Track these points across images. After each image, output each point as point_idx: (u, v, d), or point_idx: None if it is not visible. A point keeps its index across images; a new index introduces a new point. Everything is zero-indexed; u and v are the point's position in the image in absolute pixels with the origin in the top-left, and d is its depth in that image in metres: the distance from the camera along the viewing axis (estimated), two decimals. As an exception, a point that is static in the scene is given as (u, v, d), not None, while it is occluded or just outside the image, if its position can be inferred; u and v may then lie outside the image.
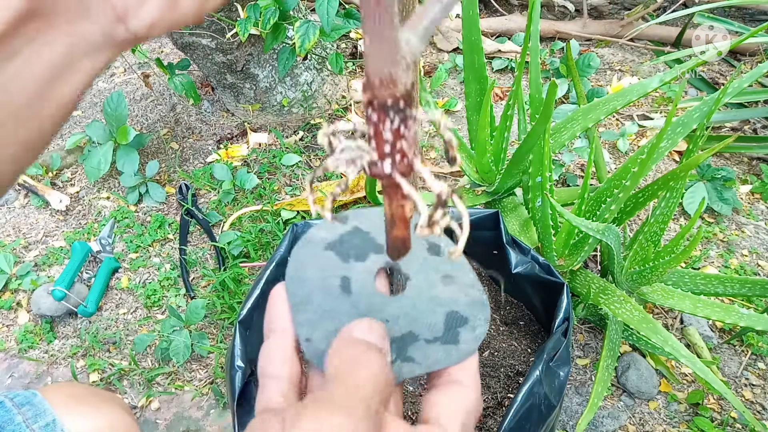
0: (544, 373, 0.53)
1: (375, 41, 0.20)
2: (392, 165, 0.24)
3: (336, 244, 0.31)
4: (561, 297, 0.62)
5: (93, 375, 1.05)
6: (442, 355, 0.28)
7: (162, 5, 0.25)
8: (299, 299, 0.29)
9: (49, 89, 0.25)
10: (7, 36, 0.23)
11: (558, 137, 1.03)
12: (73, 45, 0.25)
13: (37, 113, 0.25)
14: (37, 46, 0.24)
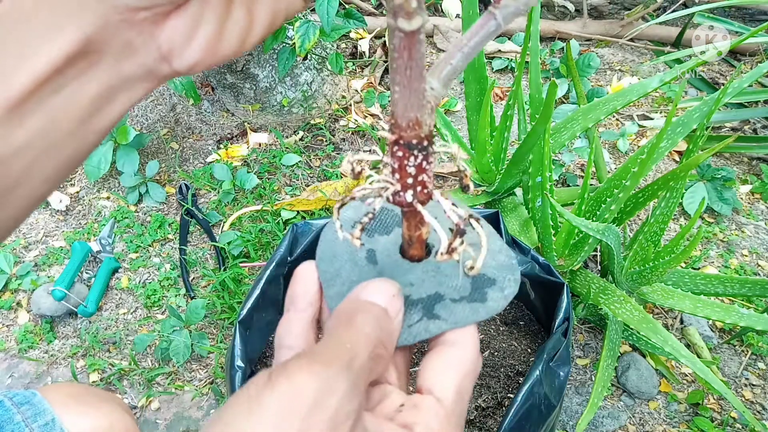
0: (544, 373, 0.53)
1: (404, 90, 0.23)
2: (413, 195, 0.27)
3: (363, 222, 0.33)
4: (561, 297, 0.62)
5: (93, 375, 1.05)
6: (468, 312, 0.28)
7: (205, 47, 0.26)
8: (329, 275, 0.30)
9: (89, 119, 0.26)
10: (59, 71, 0.24)
11: (558, 137, 1.03)
12: (117, 80, 0.26)
13: (77, 141, 0.26)
14: (83, 80, 0.25)
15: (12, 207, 0.26)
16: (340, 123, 1.46)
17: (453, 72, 0.24)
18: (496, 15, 0.23)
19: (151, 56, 0.26)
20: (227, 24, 0.26)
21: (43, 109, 0.24)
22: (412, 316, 0.29)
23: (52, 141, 0.25)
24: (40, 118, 0.24)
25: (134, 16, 0.24)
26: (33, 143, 0.25)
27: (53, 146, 0.25)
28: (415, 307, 0.29)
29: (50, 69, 0.24)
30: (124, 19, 0.24)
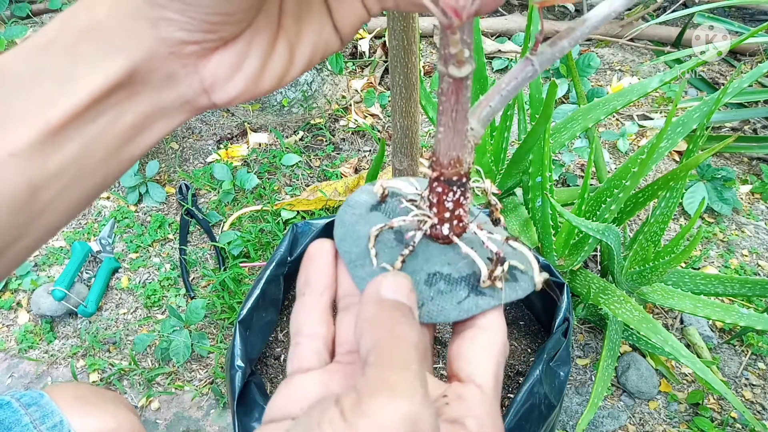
0: (544, 372, 0.53)
1: (448, 131, 0.25)
2: (450, 228, 0.28)
3: (379, 206, 0.32)
4: (561, 297, 0.62)
5: (93, 375, 1.05)
6: (509, 290, 0.29)
7: (247, 82, 0.26)
8: (355, 256, 0.29)
9: (122, 148, 0.26)
10: (100, 100, 0.24)
11: (558, 137, 1.03)
12: (154, 110, 0.26)
13: (106, 169, 0.26)
14: (121, 110, 0.25)
15: (32, 236, 0.26)
16: (340, 123, 1.46)
17: (491, 113, 0.26)
18: (534, 62, 0.24)
19: (192, 88, 0.26)
20: (270, 60, 0.27)
21: (80, 137, 0.24)
22: (459, 292, 0.29)
23: (84, 169, 0.25)
24: (75, 145, 0.24)
25: (183, 50, 0.24)
26: (65, 171, 0.25)
27: (83, 174, 0.25)
28: (459, 284, 0.29)
29: (91, 98, 0.24)
30: (172, 52, 0.24)
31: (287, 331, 0.66)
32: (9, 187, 0.23)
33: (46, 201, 0.25)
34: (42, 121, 0.23)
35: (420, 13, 0.77)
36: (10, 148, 0.23)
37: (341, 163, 1.37)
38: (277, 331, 0.66)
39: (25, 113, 0.23)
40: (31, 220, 0.25)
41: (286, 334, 0.66)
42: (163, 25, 0.23)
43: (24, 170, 0.23)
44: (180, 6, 0.23)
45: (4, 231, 0.24)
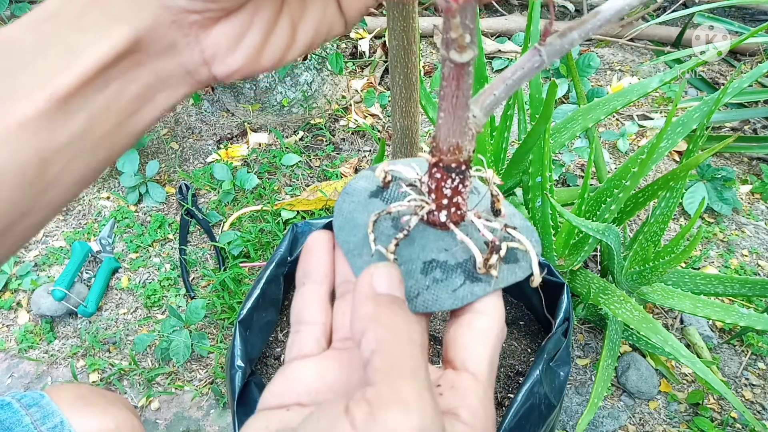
0: (544, 372, 0.53)
1: (448, 116, 0.25)
2: (447, 216, 0.28)
3: (378, 192, 0.32)
4: (561, 297, 0.62)
5: (93, 375, 1.05)
6: (507, 273, 0.28)
7: (248, 56, 0.26)
8: (353, 245, 0.29)
9: (126, 121, 0.26)
10: (106, 69, 0.24)
11: (558, 137, 1.03)
12: (157, 80, 0.26)
13: (111, 143, 0.26)
14: (126, 79, 0.25)
15: (38, 213, 0.25)
16: (340, 123, 1.46)
17: (495, 102, 0.26)
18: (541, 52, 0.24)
19: (193, 59, 0.26)
20: (272, 36, 0.27)
21: (87, 107, 0.24)
22: (455, 280, 0.28)
23: (90, 142, 0.25)
24: (82, 117, 0.24)
25: (185, 18, 0.24)
26: (73, 143, 0.24)
27: (90, 147, 0.25)
28: (455, 271, 0.29)
29: (98, 66, 0.23)
30: (174, 20, 0.24)
31: (287, 331, 0.66)
32: (18, 158, 0.23)
33: (54, 175, 0.25)
34: (50, 91, 0.23)
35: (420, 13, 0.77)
36: (19, 117, 0.23)
37: (341, 163, 1.37)
38: (277, 331, 0.66)
39: (33, 83, 0.23)
40: (38, 195, 0.25)
41: (286, 334, 0.66)
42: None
43: (33, 141, 0.23)
44: None
45: (13, 206, 0.24)
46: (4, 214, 0.24)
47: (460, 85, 0.23)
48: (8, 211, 0.24)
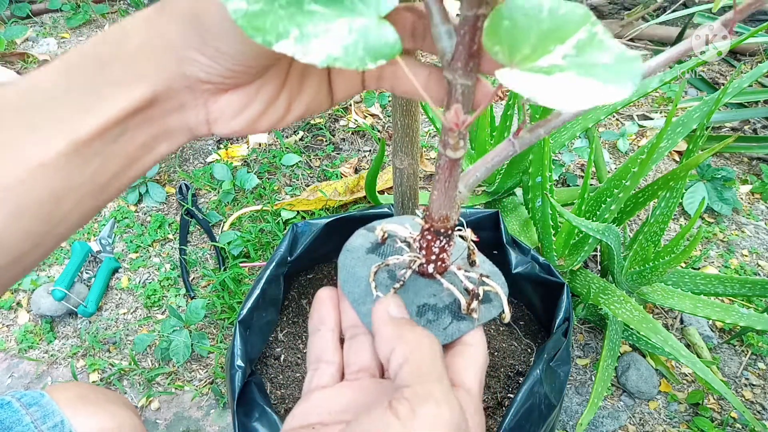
0: (544, 372, 0.53)
1: (441, 195, 0.31)
2: (434, 268, 0.35)
3: (374, 248, 0.39)
4: (561, 297, 0.62)
5: (93, 375, 1.05)
6: (485, 312, 0.36)
7: (246, 123, 0.29)
8: (357, 296, 0.36)
9: (132, 165, 0.28)
10: (123, 120, 0.26)
11: (558, 137, 1.03)
12: (162, 133, 0.28)
13: (117, 184, 0.29)
14: (137, 130, 0.27)
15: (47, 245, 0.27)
16: (340, 123, 1.46)
17: (477, 181, 0.31)
18: (515, 143, 0.29)
19: (198, 119, 0.28)
20: (270, 108, 0.30)
21: (100, 153, 0.26)
22: (444, 320, 0.35)
23: (99, 183, 0.27)
24: (95, 161, 0.26)
25: (199, 87, 0.27)
26: (84, 184, 0.27)
27: (98, 188, 0.27)
28: (443, 312, 0.35)
29: (116, 118, 0.26)
30: (189, 86, 0.27)
31: (287, 331, 0.66)
32: (37, 196, 0.25)
33: (65, 211, 0.27)
34: (72, 135, 0.25)
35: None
36: (41, 158, 0.25)
37: (341, 163, 1.37)
38: (277, 331, 0.66)
39: (57, 125, 0.25)
40: (50, 229, 0.27)
41: (286, 334, 0.66)
42: (189, 64, 0.26)
43: (51, 181, 0.25)
44: (212, 53, 0.25)
45: (27, 238, 0.26)
46: (18, 246, 0.26)
47: (452, 174, 0.29)
48: (22, 243, 0.26)
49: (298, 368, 0.62)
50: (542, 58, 0.23)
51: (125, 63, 0.26)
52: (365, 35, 0.23)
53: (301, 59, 0.22)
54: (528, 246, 0.72)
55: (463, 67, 0.26)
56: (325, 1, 0.23)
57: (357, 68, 0.22)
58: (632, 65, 0.24)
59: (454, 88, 0.26)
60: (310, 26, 0.22)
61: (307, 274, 0.72)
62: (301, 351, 0.64)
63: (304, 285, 0.71)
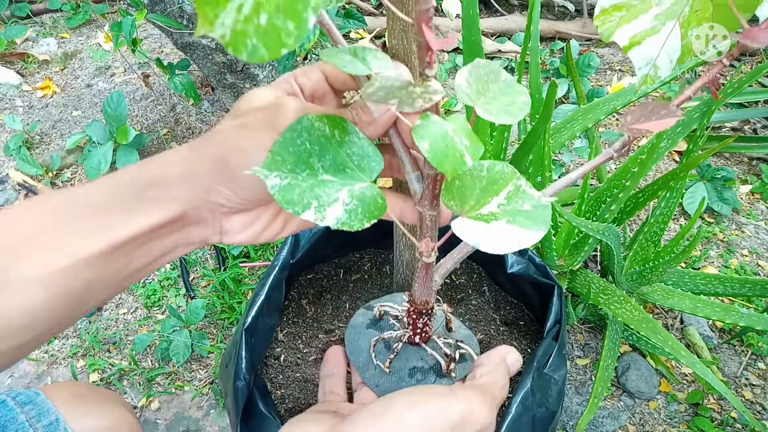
0: (535, 381, 0.52)
1: (420, 287, 0.41)
2: (420, 338, 0.46)
3: (372, 324, 0.51)
4: (551, 300, 0.62)
5: (93, 375, 1.05)
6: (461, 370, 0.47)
7: (250, 236, 0.37)
8: (362, 363, 0.48)
9: (152, 264, 0.34)
10: (153, 231, 0.32)
11: (558, 137, 1.03)
12: (182, 240, 0.35)
13: (136, 277, 0.34)
14: (162, 238, 0.34)
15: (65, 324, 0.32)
16: (340, 123, 1.46)
17: (448, 271, 0.41)
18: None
19: (213, 232, 0.36)
20: (269, 226, 0.37)
21: (130, 254, 0.32)
22: (430, 378, 0.45)
23: (122, 276, 0.33)
24: (124, 260, 0.32)
25: (218, 209, 0.34)
26: (111, 277, 0.32)
27: (121, 280, 0.33)
28: (429, 372, 0.45)
29: (150, 227, 0.32)
30: (211, 208, 0.34)
31: (287, 331, 0.66)
32: (73, 285, 0.30)
33: (90, 297, 0.32)
34: (110, 238, 0.31)
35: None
36: (81, 255, 0.30)
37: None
38: (277, 332, 0.66)
39: (97, 231, 0.31)
40: (74, 311, 0.32)
41: (286, 334, 0.66)
42: (214, 194, 0.33)
43: (85, 272, 0.31)
44: (233, 188, 0.33)
45: (58, 319, 0.31)
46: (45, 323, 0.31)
47: (428, 272, 0.39)
48: (50, 323, 0.31)
49: (298, 368, 0.62)
50: (484, 207, 0.30)
51: (163, 187, 0.32)
52: (363, 200, 0.30)
53: (320, 224, 0.29)
54: (527, 246, 0.72)
55: (429, 204, 0.34)
56: (334, 170, 0.31)
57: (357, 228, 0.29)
58: (544, 212, 0.30)
59: (424, 216, 0.35)
60: (324, 197, 0.30)
61: (307, 274, 0.72)
62: (301, 351, 0.64)
63: (304, 285, 0.71)
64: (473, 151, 0.28)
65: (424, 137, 0.27)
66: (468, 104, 0.30)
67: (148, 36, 1.92)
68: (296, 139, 0.30)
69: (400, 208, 0.38)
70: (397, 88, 0.27)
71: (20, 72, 1.80)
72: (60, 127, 1.59)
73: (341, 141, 0.31)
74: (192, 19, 1.22)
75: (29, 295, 0.29)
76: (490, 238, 0.29)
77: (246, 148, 0.32)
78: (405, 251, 0.62)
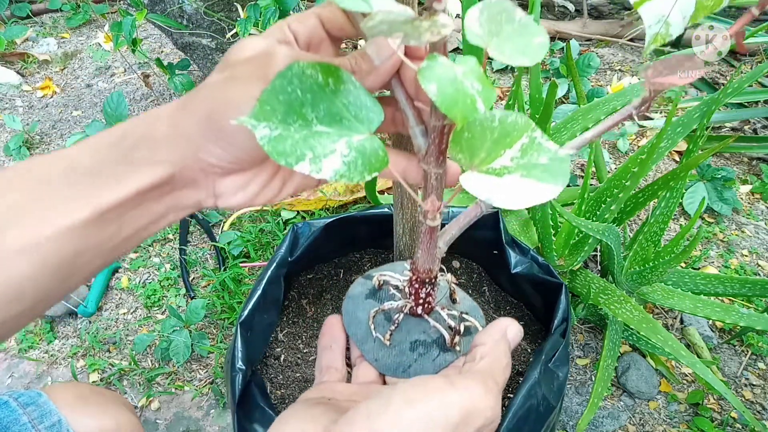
0: (542, 374, 0.53)
1: (424, 253, 0.38)
2: (422, 309, 0.43)
3: (371, 294, 0.47)
4: (559, 298, 0.62)
5: (93, 375, 1.05)
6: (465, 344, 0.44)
7: (246, 198, 0.34)
8: (360, 336, 0.45)
9: (143, 231, 0.33)
10: (141, 194, 0.31)
11: (558, 137, 1.03)
12: (174, 205, 0.33)
13: (126, 245, 0.33)
14: (153, 202, 0.32)
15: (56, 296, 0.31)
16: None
17: (453, 238, 0.38)
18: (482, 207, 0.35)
19: (206, 194, 0.34)
20: (266, 188, 0.35)
21: (118, 220, 0.31)
22: (433, 353, 0.42)
23: (112, 244, 0.32)
24: (113, 226, 0.31)
25: (210, 169, 0.32)
26: (100, 245, 0.31)
27: (111, 248, 0.32)
28: (432, 346, 0.43)
29: (136, 192, 0.30)
30: (202, 168, 0.32)
31: (287, 331, 0.66)
32: (60, 254, 0.29)
33: (79, 267, 0.31)
34: (96, 204, 0.29)
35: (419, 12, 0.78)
36: (68, 222, 0.29)
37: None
38: (277, 332, 0.66)
39: (83, 197, 0.29)
40: (63, 282, 0.31)
41: (286, 334, 0.66)
42: (204, 152, 0.31)
43: (74, 241, 0.29)
44: (224, 145, 0.30)
45: (44, 291, 0.30)
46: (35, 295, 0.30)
47: (432, 237, 0.36)
48: (38, 295, 0.30)
49: (298, 368, 0.62)
50: (495, 161, 0.28)
51: (150, 147, 0.30)
52: (362, 152, 0.28)
53: (316, 176, 0.26)
54: (528, 246, 0.72)
55: (435, 160, 0.32)
56: (329, 121, 0.28)
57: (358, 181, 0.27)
58: (563, 165, 0.27)
59: (429, 175, 0.32)
60: (319, 148, 0.27)
61: (307, 274, 0.72)
62: (301, 351, 0.64)
63: (304, 285, 0.71)
64: (485, 95, 0.25)
65: (431, 79, 0.25)
66: (479, 45, 0.27)
67: (148, 36, 1.92)
68: (286, 87, 0.27)
69: (403, 166, 0.35)
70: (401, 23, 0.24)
71: (20, 72, 1.80)
72: (60, 127, 1.59)
73: (335, 90, 0.28)
74: (192, 19, 1.22)
75: (15, 266, 0.28)
76: (504, 192, 0.27)
77: (235, 101, 0.29)
78: (405, 251, 0.62)
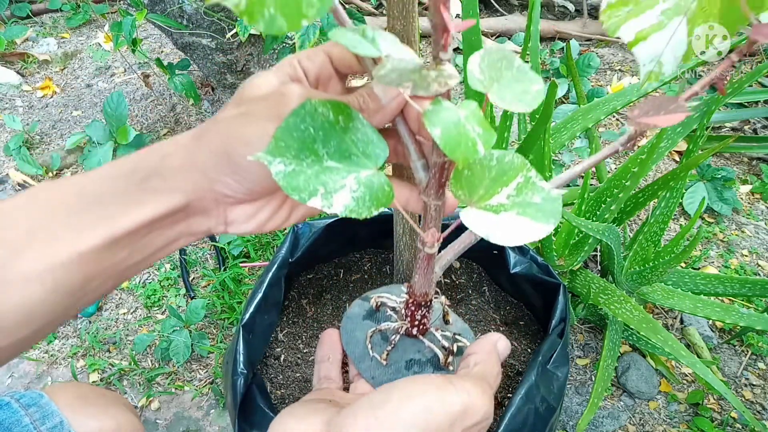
0: (539, 375, 0.53)
1: (421, 278, 0.40)
2: (417, 330, 0.45)
3: (369, 315, 0.50)
4: (557, 298, 0.62)
5: (93, 375, 1.05)
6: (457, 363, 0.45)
7: (255, 226, 0.36)
8: (358, 354, 0.47)
9: (153, 255, 0.34)
10: (156, 221, 0.31)
11: (558, 137, 1.03)
12: (186, 231, 0.34)
13: (136, 269, 0.34)
14: (165, 229, 0.33)
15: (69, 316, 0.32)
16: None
17: (449, 263, 0.40)
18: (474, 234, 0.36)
19: (217, 222, 0.35)
20: (275, 216, 0.36)
21: (130, 246, 0.32)
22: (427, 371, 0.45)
23: (122, 268, 0.32)
24: (125, 252, 0.32)
25: (222, 199, 0.33)
26: (110, 269, 0.32)
27: (121, 271, 0.32)
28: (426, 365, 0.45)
29: (149, 220, 0.31)
30: (215, 198, 0.33)
31: (287, 331, 0.66)
32: (71, 278, 0.30)
33: (89, 290, 0.31)
34: (108, 231, 0.30)
35: (420, 13, 0.78)
36: (80, 248, 0.30)
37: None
38: (277, 332, 0.66)
39: (96, 223, 0.30)
40: (73, 304, 0.31)
41: (286, 334, 0.66)
42: (218, 184, 0.32)
43: (84, 266, 0.30)
44: (238, 178, 0.32)
45: (56, 314, 0.31)
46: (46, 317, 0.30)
47: (429, 264, 0.38)
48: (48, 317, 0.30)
49: (298, 368, 0.62)
50: (493, 198, 0.30)
51: (165, 177, 0.31)
52: (370, 187, 0.29)
53: (328, 211, 0.28)
54: (527, 246, 0.72)
55: (435, 193, 0.33)
56: (339, 157, 0.30)
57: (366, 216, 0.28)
58: (555, 204, 0.29)
59: (429, 206, 0.34)
60: (330, 183, 0.29)
61: (307, 274, 0.72)
62: (301, 351, 0.64)
63: (304, 285, 0.71)
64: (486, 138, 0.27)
65: (436, 123, 0.26)
66: (481, 91, 0.29)
67: (148, 36, 1.92)
68: (300, 125, 0.29)
69: (405, 197, 0.37)
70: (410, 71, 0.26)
71: (20, 72, 1.80)
72: (60, 127, 1.59)
73: (345, 127, 0.30)
74: (192, 19, 1.22)
75: (28, 291, 0.29)
76: (500, 229, 0.29)
77: (250, 138, 0.31)
78: (405, 251, 0.62)
